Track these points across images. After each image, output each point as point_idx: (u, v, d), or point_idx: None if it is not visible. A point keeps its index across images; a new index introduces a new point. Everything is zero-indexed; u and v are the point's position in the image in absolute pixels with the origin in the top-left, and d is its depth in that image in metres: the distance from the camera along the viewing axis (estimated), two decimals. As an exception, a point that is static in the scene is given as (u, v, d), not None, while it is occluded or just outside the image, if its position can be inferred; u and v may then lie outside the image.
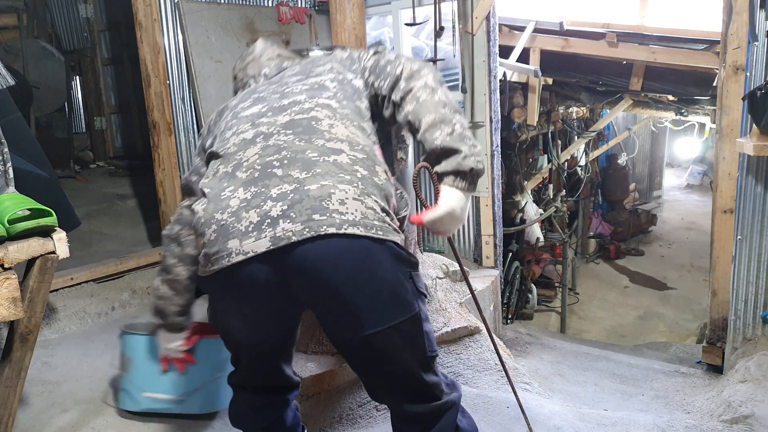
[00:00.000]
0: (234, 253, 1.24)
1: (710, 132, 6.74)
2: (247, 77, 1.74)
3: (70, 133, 6.00)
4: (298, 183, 1.25)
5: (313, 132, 1.34)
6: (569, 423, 2.21)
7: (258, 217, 1.23)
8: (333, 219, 1.21)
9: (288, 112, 1.40)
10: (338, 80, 1.50)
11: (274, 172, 1.27)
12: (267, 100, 1.47)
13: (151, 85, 3.44)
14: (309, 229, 1.20)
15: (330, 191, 1.24)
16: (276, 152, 1.31)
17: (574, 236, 7.57)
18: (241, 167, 1.32)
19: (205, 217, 1.30)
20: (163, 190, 3.59)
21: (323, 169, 1.27)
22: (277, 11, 3.74)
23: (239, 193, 1.28)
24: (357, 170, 1.29)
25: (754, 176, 2.56)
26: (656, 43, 4.58)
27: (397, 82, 1.42)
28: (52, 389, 2.47)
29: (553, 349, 3.23)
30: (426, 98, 1.37)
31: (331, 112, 1.39)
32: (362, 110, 1.46)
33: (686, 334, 6.02)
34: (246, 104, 1.51)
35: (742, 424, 2.17)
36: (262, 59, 1.75)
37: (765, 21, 2.45)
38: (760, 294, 2.65)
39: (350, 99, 1.46)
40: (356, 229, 1.22)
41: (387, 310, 1.29)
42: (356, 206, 1.24)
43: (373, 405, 2.32)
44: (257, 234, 1.22)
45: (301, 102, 1.42)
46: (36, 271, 1.65)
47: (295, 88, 1.48)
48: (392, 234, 1.28)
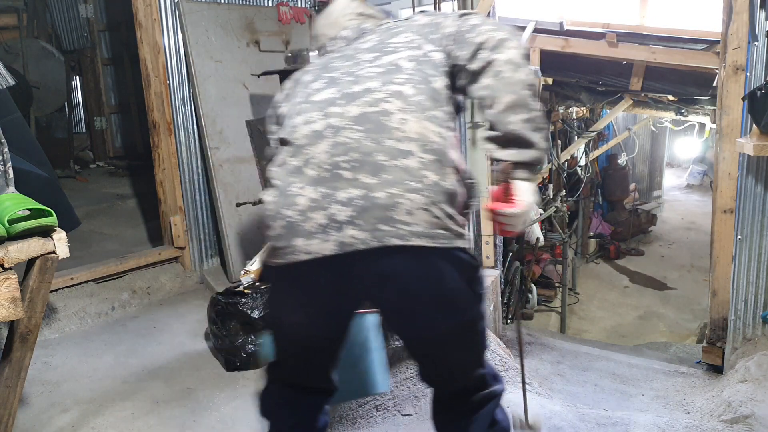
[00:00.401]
0: (299, 252, 1.26)
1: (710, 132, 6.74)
2: (324, 38, 1.63)
3: (70, 133, 6.00)
4: (366, 189, 1.25)
5: (382, 130, 1.29)
6: (569, 423, 2.21)
7: (324, 219, 1.25)
8: (398, 230, 1.22)
9: (359, 102, 1.34)
10: (416, 57, 1.40)
11: (343, 174, 1.27)
12: (339, 84, 1.40)
13: (151, 85, 3.44)
14: (375, 239, 1.22)
15: (397, 200, 1.23)
16: (345, 152, 1.29)
17: (574, 236, 7.56)
18: (310, 164, 1.31)
19: (273, 210, 1.32)
20: (163, 190, 3.59)
21: (391, 175, 1.25)
22: (277, 11, 3.74)
23: (307, 192, 1.28)
24: (425, 175, 1.26)
25: (754, 176, 2.56)
26: (656, 43, 4.57)
27: (477, 52, 1.33)
28: (52, 389, 2.47)
29: (553, 349, 3.23)
30: (508, 75, 1.29)
31: (403, 102, 1.32)
32: (439, 92, 1.37)
33: (686, 334, 6.02)
34: (318, 85, 1.44)
35: (742, 424, 2.17)
36: (342, 19, 1.62)
37: (765, 21, 2.45)
38: (760, 294, 2.64)
39: (426, 81, 1.37)
40: (421, 241, 1.23)
41: (445, 317, 1.32)
42: (423, 216, 1.24)
43: (373, 405, 2.32)
44: (323, 236, 1.25)
45: (373, 90, 1.35)
46: (36, 271, 1.65)
47: (368, 70, 1.40)
48: (457, 240, 1.28)
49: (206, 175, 3.61)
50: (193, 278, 3.65)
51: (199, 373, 2.60)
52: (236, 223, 3.53)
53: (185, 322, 3.12)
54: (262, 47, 3.65)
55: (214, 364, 2.67)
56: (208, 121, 3.45)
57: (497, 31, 1.34)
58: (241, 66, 3.57)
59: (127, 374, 2.60)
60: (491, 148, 1.34)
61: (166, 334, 2.99)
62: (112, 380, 2.55)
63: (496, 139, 1.32)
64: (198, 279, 3.66)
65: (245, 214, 3.54)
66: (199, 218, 3.67)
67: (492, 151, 1.34)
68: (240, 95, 3.58)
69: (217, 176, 3.47)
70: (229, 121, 3.52)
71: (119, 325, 3.10)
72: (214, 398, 2.40)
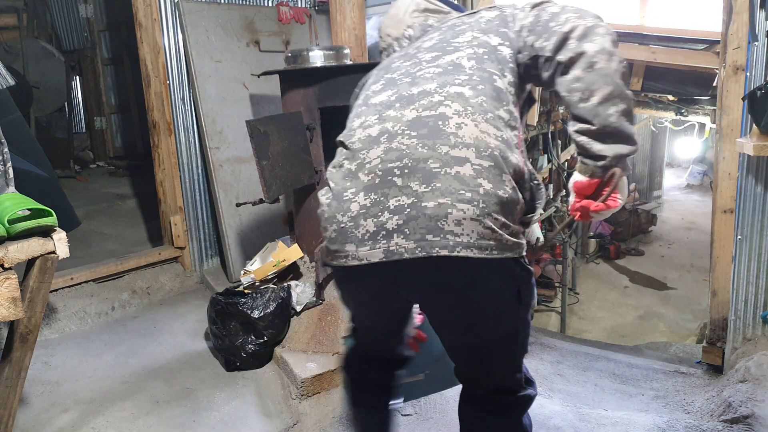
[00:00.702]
0: (350, 257, 1.27)
1: (710, 132, 6.74)
2: (390, 38, 1.62)
3: (70, 133, 6.00)
4: (416, 197, 1.21)
5: (438, 136, 1.25)
6: (569, 423, 2.21)
7: (374, 227, 1.24)
8: (446, 241, 1.19)
9: (415, 105, 1.31)
10: (477, 56, 1.35)
11: (394, 181, 1.24)
12: (397, 86, 1.38)
13: (151, 85, 3.44)
14: (421, 249, 1.20)
15: (447, 211, 1.19)
16: (398, 158, 1.26)
17: (574, 236, 7.56)
18: (364, 169, 1.29)
19: (328, 214, 1.33)
20: (163, 190, 3.59)
21: (443, 183, 1.21)
22: (277, 11, 3.74)
23: (359, 198, 1.27)
24: (480, 184, 1.20)
25: (754, 176, 2.56)
26: (656, 43, 4.58)
27: (565, 41, 1.27)
28: (52, 389, 2.47)
29: (553, 349, 3.23)
30: (602, 66, 1.24)
31: (462, 105, 1.27)
32: (502, 91, 1.32)
33: (686, 334, 6.02)
34: (377, 87, 1.43)
35: (742, 424, 2.17)
36: (406, 17, 1.59)
37: (765, 21, 2.45)
38: (760, 294, 2.64)
39: (488, 80, 1.32)
40: (470, 252, 1.18)
41: (487, 324, 1.33)
42: (473, 227, 1.19)
43: (373, 405, 2.32)
44: (372, 244, 1.24)
45: (431, 93, 1.31)
46: (36, 271, 1.65)
47: (427, 71, 1.37)
48: (508, 250, 1.23)
49: (206, 175, 3.61)
50: (193, 278, 3.65)
51: (199, 373, 2.60)
52: (236, 223, 3.53)
53: (185, 322, 3.12)
54: (262, 47, 3.65)
55: (214, 364, 2.67)
56: (208, 121, 3.45)
57: (583, 18, 1.28)
58: (241, 66, 3.57)
59: (127, 374, 2.60)
60: (585, 141, 1.29)
61: (166, 334, 2.99)
62: (112, 380, 2.55)
63: (591, 132, 1.27)
64: (198, 279, 3.66)
65: (245, 214, 3.54)
66: (199, 218, 3.67)
67: (587, 145, 1.29)
68: (240, 95, 3.58)
69: (217, 176, 3.47)
70: (229, 121, 3.51)
71: (119, 325, 3.10)
72: (214, 398, 2.40)
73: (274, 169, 2.53)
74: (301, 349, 2.57)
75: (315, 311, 2.69)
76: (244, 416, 2.29)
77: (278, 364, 2.59)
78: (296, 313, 2.70)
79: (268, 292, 2.62)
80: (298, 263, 2.86)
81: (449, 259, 1.19)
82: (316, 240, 2.77)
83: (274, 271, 2.77)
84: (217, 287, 3.31)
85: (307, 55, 2.74)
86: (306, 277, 2.84)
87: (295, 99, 2.76)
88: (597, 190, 1.34)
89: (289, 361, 2.49)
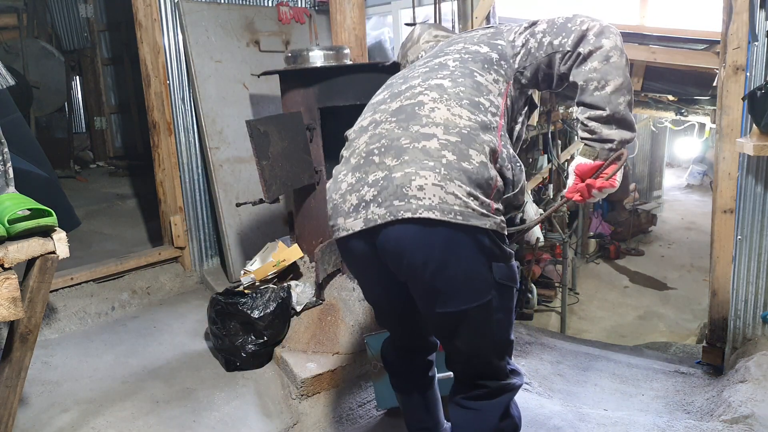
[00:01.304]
0: (341, 229, 1.44)
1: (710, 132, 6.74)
2: (407, 63, 1.83)
3: (70, 133, 6.00)
4: (388, 171, 1.36)
5: (412, 118, 1.42)
6: (569, 423, 2.21)
7: (356, 200, 1.39)
8: (410, 204, 1.30)
9: (401, 97, 1.50)
10: (461, 58, 1.53)
11: (373, 159, 1.41)
12: (392, 86, 1.59)
13: (151, 85, 3.44)
14: (390, 214, 1.32)
15: (411, 178, 1.32)
16: (378, 140, 1.43)
17: (574, 236, 7.56)
18: (354, 154, 1.47)
19: (328, 195, 1.51)
20: (163, 190, 3.59)
21: (410, 156, 1.35)
22: (277, 11, 3.74)
23: (348, 178, 1.44)
24: (444, 155, 1.33)
25: (754, 176, 2.56)
26: (656, 43, 4.57)
27: (584, 37, 1.44)
28: (52, 389, 2.47)
29: (553, 349, 3.23)
30: (616, 60, 1.41)
31: (439, 93, 1.44)
32: (482, 85, 1.48)
33: (686, 334, 6.02)
34: (379, 91, 1.65)
35: (742, 424, 2.17)
36: (420, 43, 1.81)
37: (765, 21, 2.45)
38: (760, 294, 2.64)
39: (469, 75, 1.48)
40: (431, 214, 1.29)
41: (458, 296, 1.38)
42: (434, 191, 1.30)
43: (373, 405, 2.32)
44: (355, 215, 1.39)
45: (415, 86, 1.50)
46: (36, 271, 1.65)
47: (417, 71, 1.57)
48: (474, 219, 1.31)
49: (206, 175, 3.61)
50: (193, 278, 3.65)
51: (199, 373, 2.60)
52: (236, 223, 3.53)
53: (185, 322, 3.12)
54: (262, 47, 3.65)
55: (214, 364, 2.67)
56: (208, 121, 3.45)
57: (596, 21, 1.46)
58: (241, 66, 3.57)
59: (127, 374, 2.60)
60: (596, 126, 1.45)
61: (166, 334, 2.99)
62: (112, 380, 2.55)
63: (602, 118, 1.43)
64: (198, 279, 3.66)
65: (245, 214, 3.54)
66: (199, 218, 3.67)
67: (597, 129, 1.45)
68: (240, 95, 3.58)
69: (217, 176, 3.47)
70: (229, 121, 3.51)
71: (119, 325, 3.10)
72: (214, 398, 2.40)
73: (274, 169, 2.53)
74: (301, 349, 2.57)
75: (315, 311, 2.69)
76: (244, 416, 2.30)
77: (278, 364, 2.59)
78: (296, 313, 2.70)
79: (268, 292, 2.62)
80: (298, 263, 2.86)
81: (413, 223, 1.30)
82: (316, 240, 2.77)
83: (274, 271, 2.77)
84: (217, 287, 3.31)
85: (307, 55, 2.74)
86: (306, 277, 2.84)
87: (295, 99, 2.76)
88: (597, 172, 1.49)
89: (289, 361, 2.49)
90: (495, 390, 1.50)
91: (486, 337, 1.45)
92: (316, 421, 2.27)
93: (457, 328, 1.44)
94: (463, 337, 1.45)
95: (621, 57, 1.42)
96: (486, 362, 1.49)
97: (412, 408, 1.82)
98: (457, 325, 1.43)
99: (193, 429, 2.22)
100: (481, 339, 1.46)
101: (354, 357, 2.50)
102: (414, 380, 1.78)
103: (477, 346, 1.47)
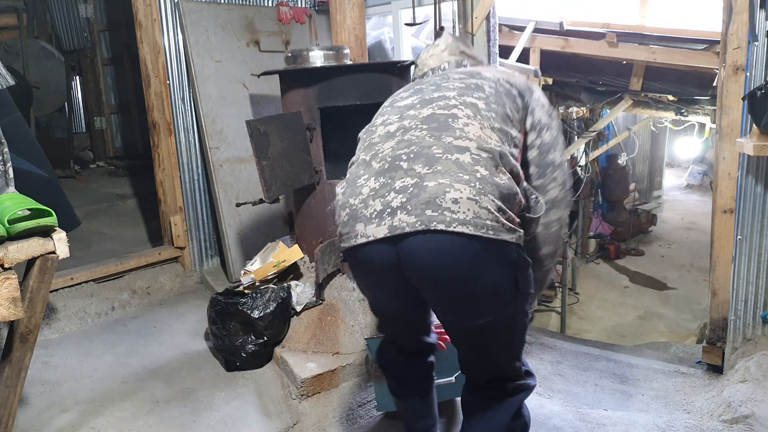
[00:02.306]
0: (360, 236, 1.37)
1: (710, 132, 6.74)
2: (426, 67, 1.80)
3: (70, 133, 6.00)
4: (419, 178, 1.33)
5: (445, 129, 1.41)
6: (569, 423, 2.21)
7: (381, 206, 1.35)
8: (444, 216, 1.28)
9: (433, 105, 1.48)
10: (496, 90, 1.55)
11: (401, 165, 1.38)
12: (423, 92, 1.57)
13: (151, 85, 3.44)
14: (421, 223, 1.28)
15: (446, 189, 1.30)
16: (407, 146, 1.41)
17: (574, 236, 7.56)
18: (377, 158, 1.44)
19: (342, 200, 1.46)
20: (163, 190, 3.59)
21: (444, 166, 1.33)
22: (277, 11, 3.74)
23: (370, 183, 1.40)
24: (477, 170, 1.33)
25: (754, 176, 2.56)
26: (656, 43, 4.58)
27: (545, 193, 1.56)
28: (52, 389, 2.47)
29: (553, 349, 3.23)
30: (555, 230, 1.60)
31: (473, 111, 1.45)
32: (510, 118, 1.50)
33: (686, 334, 6.02)
34: (405, 94, 1.62)
35: (742, 424, 2.17)
36: (444, 54, 1.78)
37: (765, 21, 2.44)
38: (760, 294, 2.64)
39: (502, 105, 1.51)
40: (465, 228, 1.27)
41: (485, 309, 1.38)
42: (469, 206, 1.28)
43: (373, 405, 2.32)
44: (378, 221, 1.34)
45: (449, 98, 1.49)
46: (36, 271, 1.65)
47: (452, 83, 1.56)
48: (504, 233, 1.31)
49: (206, 175, 3.61)
50: (193, 278, 3.65)
51: (199, 373, 2.60)
52: (236, 223, 3.53)
53: (185, 322, 3.12)
54: (262, 47, 3.65)
55: (214, 364, 2.67)
56: (208, 121, 3.45)
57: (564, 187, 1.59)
58: (241, 66, 3.57)
59: (127, 374, 2.60)
60: None
61: (166, 334, 2.99)
62: (112, 380, 2.55)
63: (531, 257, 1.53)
64: (198, 279, 3.66)
65: (245, 214, 3.54)
66: (199, 218, 3.67)
67: None
68: (240, 95, 3.58)
69: (217, 176, 3.47)
70: (229, 121, 3.51)
71: (119, 325, 3.10)
72: (214, 398, 2.40)
73: (274, 169, 2.53)
74: (301, 349, 2.57)
75: (315, 311, 2.69)
76: (244, 416, 2.30)
77: (278, 364, 2.59)
78: (296, 313, 2.70)
79: (268, 292, 2.62)
80: (298, 263, 2.86)
81: (446, 236, 1.28)
82: (316, 240, 2.77)
83: (274, 271, 2.77)
84: (217, 287, 3.31)
85: (307, 55, 2.74)
86: (306, 277, 2.84)
87: (295, 99, 2.76)
88: None
89: (289, 361, 2.49)
90: (510, 390, 1.51)
91: (508, 344, 1.47)
92: (316, 421, 2.27)
93: (482, 338, 1.44)
94: (487, 346, 1.46)
95: (561, 228, 1.57)
96: (504, 366, 1.51)
97: (414, 412, 1.81)
98: (482, 336, 1.44)
99: (193, 429, 2.22)
100: (504, 346, 1.47)
101: (354, 357, 2.50)
102: (417, 383, 1.78)
103: (499, 352, 1.48)
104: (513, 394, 1.52)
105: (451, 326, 1.49)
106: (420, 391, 1.79)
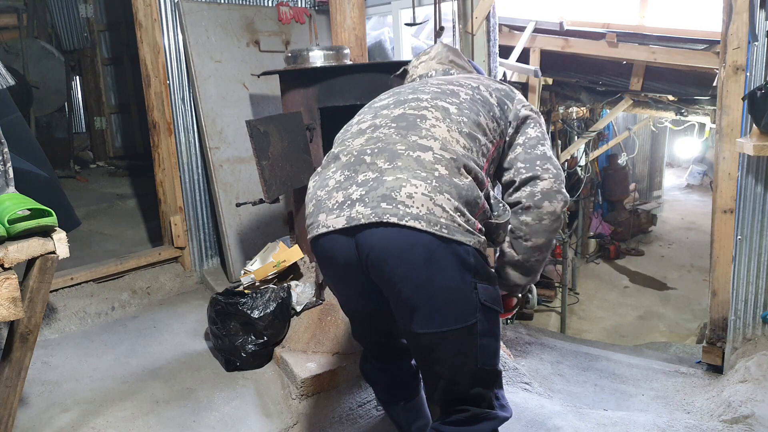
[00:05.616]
0: (321, 226, 1.39)
1: (710, 132, 6.74)
2: (415, 74, 1.82)
3: (70, 133, 6.00)
4: (380, 172, 1.35)
5: (413, 128, 1.43)
6: (569, 423, 2.21)
7: (343, 198, 1.37)
8: (397, 210, 1.28)
9: (405, 106, 1.51)
10: (472, 97, 1.55)
11: (365, 159, 1.40)
12: (399, 94, 1.59)
13: (151, 85, 3.44)
14: (375, 215, 1.29)
15: (402, 184, 1.31)
16: (374, 143, 1.43)
17: (574, 236, 7.56)
18: (345, 152, 1.47)
19: (310, 193, 1.48)
20: (163, 190, 3.59)
21: (404, 162, 1.35)
22: (277, 11, 3.74)
23: (336, 175, 1.42)
24: (437, 168, 1.34)
25: (754, 176, 2.56)
26: (656, 43, 4.58)
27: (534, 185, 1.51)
28: (52, 389, 2.47)
29: (553, 349, 3.23)
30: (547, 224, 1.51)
31: (443, 114, 1.46)
32: (482, 126, 1.49)
33: (686, 334, 6.02)
34: (384, 96, 1.65)
35: (742, 424, 2.17)
36: (433, 62, 1.80)
37: (765, 21, 2.45)
38: (760, 294, 2.64)
39: (475, 112, 1.50)
40: (417, 223, 1.27)
41: (440, 315, 1.33)
42: (423, 201, 1.29)
43: (373, 405, 2.32)
44: (338, 212, 1.35)
45: (422, 100, 1.51)
46: (36, 271, 1.65)
47: (428, 87, 1.58)
48: (459, 234, 1.29)
49: (206, 175, 3.61)
50: (193, 278, 3.65)
51: (199, 373, 2.60)
52: (236, 223, 3.53)
53: (185, 322, 3.12)
54: (262, 47, 3.65)
55: (214, 364, 2.67)
56: (208, 121, 3.45)
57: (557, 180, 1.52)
58: (241, 66, 3.57)
59: (127, 374, 2.60)
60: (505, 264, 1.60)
61: (166, 334, 2.99)
62: (112, 380, 2.55)
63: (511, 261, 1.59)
64: (198, 279, 3.66)
65: (245, 214, 3.54)
66: (199, 218, 3.67)
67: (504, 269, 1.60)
68: (240, 95, 3.58)
69: (217, 176, 3.47)
70: (229, 121, 3.52)
71: (119, 325, 3.10)
72: (214, 398, 2.40)
73: (274, 169, 2.53)
74: (300, 349, 2.57)
75: (315, 311, 2.69)
76: (244, 416, 2.30)
77: (278, 364, 2.59)
78: (296, 313, 2.70)
79: (268, 292, 2.62)
80: (298, 263, 2.86)
81: (398, 229, 1.28)
82: (316, 240, 2.77)
83: (275, 271, 2.77)
84: (217, 287, 3.31)
85: (307, 55, 2.74)
86: (306, 277, 2.84)
87: (295, 99, 2.76)
88: None
89: (289, 361, 2.49)
90: (476, 416, 1.41)
91: (468, 363, 1.37)
92: (316, 421, 2.27)
93: (438, 351, 1.36)
94: (443, 361, 1.37)
95: (553, 222, 1.50)
96: (466, 390, 1.40)
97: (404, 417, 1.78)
98: (437, 348, 1.36)
99: (193, 429, 2.22)
100: (463, 365, 1.37)
101: (354, 357, 2.50)
102: (400, 389, 1.74)
103: (458, 372, 1.38)
104: (479, 421, 1.41)
105: (407, 333, 1.42)
106: (406, 395, 1.75)
